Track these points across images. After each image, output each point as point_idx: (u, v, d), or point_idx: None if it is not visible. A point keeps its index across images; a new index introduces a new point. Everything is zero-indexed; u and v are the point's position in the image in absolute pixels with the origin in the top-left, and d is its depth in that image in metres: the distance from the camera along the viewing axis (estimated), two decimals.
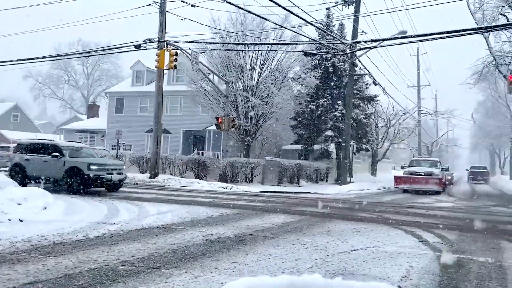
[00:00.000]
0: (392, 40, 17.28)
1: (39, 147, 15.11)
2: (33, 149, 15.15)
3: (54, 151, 14.32)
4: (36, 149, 15.08)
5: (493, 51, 21.62)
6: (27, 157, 14.98)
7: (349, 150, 24.42)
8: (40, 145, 15.18)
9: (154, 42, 19.38)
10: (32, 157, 14.90)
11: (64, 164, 13.96)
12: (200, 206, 11.70)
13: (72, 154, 14.71)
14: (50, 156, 14.26)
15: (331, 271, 5.40)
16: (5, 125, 51.77)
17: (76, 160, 14.25)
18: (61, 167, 13.98)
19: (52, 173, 14.20)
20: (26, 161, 14.91)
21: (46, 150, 14.72)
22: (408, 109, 36.22)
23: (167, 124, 28.31)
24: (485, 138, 52.11)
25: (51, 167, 14.19)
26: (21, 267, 5.07)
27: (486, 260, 6.47)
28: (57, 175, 14.08)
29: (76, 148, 15.44)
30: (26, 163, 14.87)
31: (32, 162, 14.77)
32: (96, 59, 67.12)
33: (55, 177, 14.22)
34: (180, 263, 5.53)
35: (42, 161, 14.52)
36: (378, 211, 12.58)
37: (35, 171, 14.61)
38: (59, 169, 13.99)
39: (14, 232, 7.01)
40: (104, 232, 7.38)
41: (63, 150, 14.48)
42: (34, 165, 14.68)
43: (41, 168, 14.47)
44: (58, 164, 14.07)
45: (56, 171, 14.05)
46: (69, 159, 14.14)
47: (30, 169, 14.78)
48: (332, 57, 26.40)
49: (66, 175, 13.80)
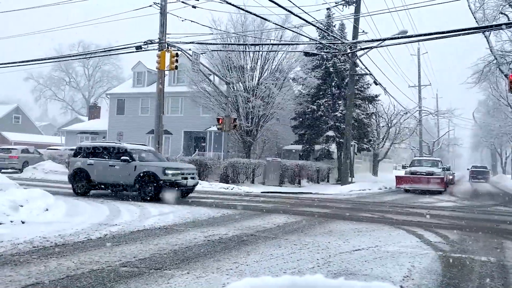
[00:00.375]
0: (393, 40, 17.27)
1: (104, 150, 13.88)
2: (97, 153, 13.88)
3: (123, 155, 13.14)
4: (100, 153, 13.83)
5: (494, 50, 21.59)
6: (90, 161, 13.68)
7: (350, 150, 24.40)
8: (105, 148, 13.96)
9: (155, 43, 19.39)
10: (97, 161, 13.60)
11: (135, 169, 12.79)
12: (201, 206, 11.71)
13: (141, 157, 13.59)
14: (119, 160, 13.04)
15: (333, 271, 5.40)
16: (6, 126, 51.84)
17: (149, 164, 13.12)
18: (131, 172, 12.80)
19: (121, 179, 13.01)
20: (90, 166, 13.62)
21: (112, 154, 13.54)
22: (409, 109, 36.18)
23: (168, 125, 28.33)
24: (486, 138, 52.02)
25: (120, 172, 13.00)
26: (23, 269, 5.08)
27: (488, 259, 6.46)
28: (127, 181, 12.89)
29: (144, 151, 14.25)
30: (90, 168, 13.58)
31: (97, 167, 13.49)
32: (97, 60, 67.21)
33: (124, 183, 13.01)
34: (182, 264, 5.53)
35: (108, 166, 13.31)
36: (379, 211, 12.57)
37: (101, 177, 13.40)
38: (129, 174, 12.81)
39: (16, 233, 7.02)
40: (106, 233, 7.39)
41: (133, 154, 13.30)
42: (99, 170, 13.42)
43: (107, 173, 13.28)
44: (128, 169, 12.88)
45: (125, 176, 12.87)
46: (141, 163, 13.00)
47: (94, 174, 13.49)
48: (332, 57, 26.39)
49: (138, 181, 12.64)
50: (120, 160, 13.03)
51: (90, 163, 13.67)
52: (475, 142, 68.87)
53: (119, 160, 13.07)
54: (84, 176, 13.60)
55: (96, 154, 13.86)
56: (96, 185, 13.57)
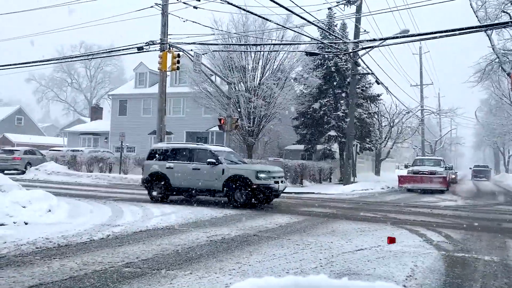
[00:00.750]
0: (394, 39, 17.23)
1: (183, 152, 12.88)
2: (175, 155, 12.88)
3: (208, 157, 12.17)
4: (179, 155, 12.85)
5: (496, 49, 21.54)
6: (169, 164, 12.65)
7: (352, 150, 24.36)
8: (185, 150, 12.98)
9: (156, 44, 19.41)
10: (177, 164, 12.57)
11: (223, 173, 11.84)
12: (204, 207, 11.71)
13: (227, 159, 12.57)
14: (205, 163, 12.08)
15: (336, 271, 5.39)
16: (9, 128, 51.98)
17: (238, 167, 12.30)
18: (219, 176, 11.88)
19: (206, 184, 12.07)
20: (169, 170, 12.59)
21: (194, 156, 12.58)
22: (411, 108, 36.13)
23: (170, 125, 28.34)
24: (488, 136, 51.97)
25: (205, 176, 12.05)
26: (27, 270, 5.09)
27: (492, 259, 6.44)
28: (213, 186, 11.97)
29: (225, 152, 13.23)
30: (169, 172, 12.57)
31: (177, 171, 12.47)
32: (99, 61, 67.36)
33: (210, 188, 12.07)
34: (184, 264, 5.54)
35: (191, 170, 12.32)
36: (382, 211, 12.56)
37: (182, 181, 12.39)
38: (216, 178, 11.89)
39: (19, 234, 7.04)
40: (109, 234, 7.40)
41: (218, 156, 12.29)
42: (180, 174, 12.41)
43: (190, 177, 12.29)
44: (214, 172, 11.95)
45: (212, 181, 11.95)
46: (229, 167, 12.04)
47: (174, 179, 12.48)
48: (334, 57, 26.34)
49: (227, 185, 11.73)
50: (206, 163, 12.05)
51: (170, 166, 12.61)
52: (477, 141, 68.80)
53: (205, 163, 12.10)
54: (163, 180, 12.59)
55: (174, 156, 12.85)
56: (176, 190, 12.61)
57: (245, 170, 11.90)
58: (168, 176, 12.55)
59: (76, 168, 25.15)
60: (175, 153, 12.93)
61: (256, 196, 11.74)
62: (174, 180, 12.48)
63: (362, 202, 15.33)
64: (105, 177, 21.87)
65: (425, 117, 43.54)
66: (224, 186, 11.82)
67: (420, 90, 43.94)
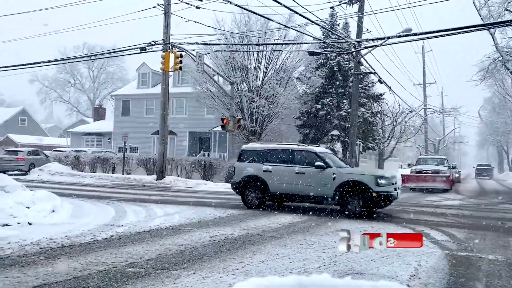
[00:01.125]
0: (397, 38, 17.19)
1: (283, 154, 11.67)
2: (273, 157, 11.70)
3: (314, 160, 11.01)
4: (277, 157, 11.65)
5: (499, 47, 21.46)
6: (267, 167, 11.48)
7: (355, 149, 24.31)
8: (284, 152, 11.74)
9: (159, 44, 19.45)
10: (277, 167, 11.41)
11: (335, 178, 10.65)
12: (207, 207, 11.72)
13: (334, 163, 11.42)
14: (311, 167, 10.93)
15: (339, 271, 5.39)
16: (13, 129, 52.16)
17: (353, 172, 11.15)
18: (329, 181, 10.69)
19: (312, 190, 10.87)
20: (267, 173, 11.42)
21: (295, 158, 11.41)
22: (414, 107, 36.05)
23: (173, 125, 28.39)
24: (492, 135, 51.82)
25: (312, 181, 10.89)
26: (31, 270, 5.11)
27: (496, 258, 6.42)
28: (323, 193, 10.78)
29: (329, 153, 12.18)
30: (267, 176, 11.40)
31: (277, 175, 11.30)
32: (102, 62, 67.44)
33: (318, 195, 10.86)
34: (188, 264, 5.55)
35: (294, 174, 11.12)
36: (385, 210, 12.52)
37: (283, 186, 11.21)
38: (325, 184, 10.73)
39: (23, 235, 7.06)
40: (112, 234, 7.41)
41: (326, 158, 11.14)
42: (281, 179, 11.23)
43: (293, 182, 11.10)
44: (323, 177, 10.79)
45: (320, 186, 10.80)
46: (341, 171, 10.85)
47: (273, 183, 11.32)
48: (337, 56, 26.33)
49: (340, 192, 10.51)
50: (313, 166, 10.92)
51: (267, 169, 11.46)
52: (481, 140, 68.57)
53: (310, 166, 11.00)
54: (259, 185, 11.47)
55: (272, 158, 11.68)
56: (275, 196, 11.47)
57: (363, 176, 10.61)
58: (265, 180, 11.40)
59: (80, 168, 25.22)
60: (273, 155, 11.75)
61: (375, 204, 10.48)
62: (273, 185, 11.33)
63: None
64: (108, 178, 21.92)
65: (428, 116, 43.43)
66: (336, 193, 10.56)
67: (423, 89, 43.83)
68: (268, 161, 11.64)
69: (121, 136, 27.30)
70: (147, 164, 23.46)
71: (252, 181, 11.64)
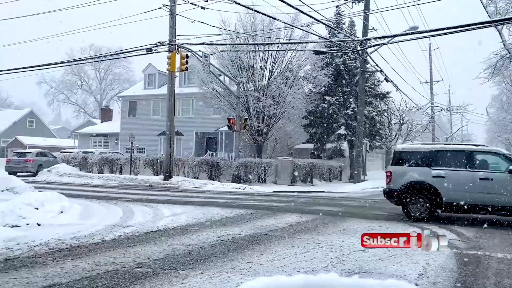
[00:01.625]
0: (403, 36, 17.12)
1: (457, 156, 9.94)
2: (444, 160, 9.99)
3: (503, 163, 9.48)
4: (450, 160, 9.96)
5: (507, 44, 21.27)
6: (438, 172, 9.77)
7: (362, 148, 24.25)
8: (458, 153, 9.99)
9: (165, 45, 19.50)
10: (452, 172, 9.69)
11: None
12: (214, 207, 11.73)
13: None
14: (503, 172, 9.37)
15: (347, 270, 5.37)
16: (21, 131, 52.59)
17: None
18: None
19: (504, 200, 9.21)
20: (438, 179, 9.70)
21: (476, 161, 9.74)
22: (421, 105, 35.88)
23: (180, 126, 28.47)
24: (500, 133, 51.32)
25: (502, 189, 9.22)
26: (40, 270, 5.15)
27: (505, 256, 6.37)
28: None
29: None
30: (438, 182, 9.68)
31: (453, 181, 9.60)
32: (108, 63, 67.82)
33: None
34: (195, 264, 5.56)
35: (477, 180, 9.40)
36: (393, 209, 12.45)
37: (461, 194, 9.35)
38: None
39: (32, 236, 7.11)
40: (120, 235, 7.45)
41: None
42: (458, 186, 9.50)
43: (474, 190, 9.37)
44: None
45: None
46: None
47: (448, 191, 9.58)
48: (343, 55, 26.26)
49: None
50: (506, 172, 9.31)
51: (439, 174, 9.75)
52: (489, 138, 67.98)
53: (499, 171, 9.45)
54: (428, 193, 9.77)
55: (442, 161, 9.97)
56: (449, 206, 9.67)
57: None
58: (437, 188, 9.67)
59: (87, 169, 25.38)
60: (444, 157, 10.02)
61: None
62: (447, 193, 9.60)
63: (373, 201, 15.24)
64: (115, 178, 22.03)
65: (435, 114, 43.18)
66: None
67: (430, 87, 43.57)
68: (437, 164, 9.94)
69: (128, 137, 27.43)
70: (154, 164, 23.54)
71: (418, 189, 9.92)
